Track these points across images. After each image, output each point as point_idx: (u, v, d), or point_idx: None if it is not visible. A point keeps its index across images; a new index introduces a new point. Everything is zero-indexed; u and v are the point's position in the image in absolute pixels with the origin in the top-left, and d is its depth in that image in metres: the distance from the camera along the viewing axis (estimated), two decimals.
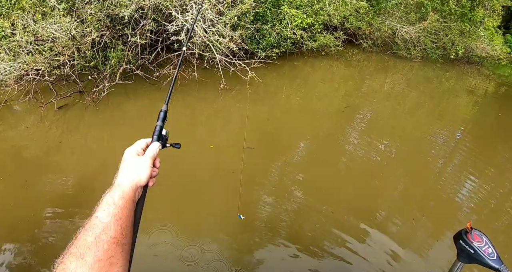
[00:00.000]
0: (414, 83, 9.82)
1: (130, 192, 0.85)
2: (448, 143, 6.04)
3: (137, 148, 0.97)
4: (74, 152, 4.36)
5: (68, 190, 3.62)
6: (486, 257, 1.46)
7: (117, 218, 0.79)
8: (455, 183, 4.76)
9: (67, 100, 5.31)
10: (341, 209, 3.82)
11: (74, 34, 5.13)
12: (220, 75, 5.80)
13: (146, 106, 5.51)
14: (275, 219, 3.56)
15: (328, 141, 5.53)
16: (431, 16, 10.60)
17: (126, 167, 0.90)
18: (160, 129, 1.06)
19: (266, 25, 7.30)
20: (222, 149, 4.56)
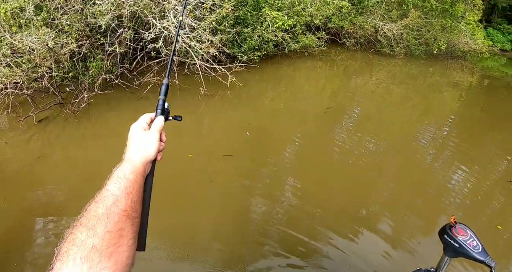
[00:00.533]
0: (399, 79, 9.88)
1: (140, 166, 0.87)
2: (435, 138, 6.09)
3: (142, 123, 0.98)
4: (57, 165, 4.26)
5: (52, 205, 3.53)
6: (471, 250, 1.48)
7: (128, 192, 0.80)
8: (443, 179, 4.79)
9: (47, 113, 5.18)
10: (331, 208, 3.83)
11: (51, 46, 5.06)
12: (201, 81, 5.75)
13: (128, 115, 5.42)
14: (266, 222, 3.55)
15: (316, 141, 5.50)
16: (412, 13, 10.67)
17: (134, 142, 0.92)
18: (163, 103, 1.06)
19: (247, 28, 7.26)
20: (201, 157, 4.46)
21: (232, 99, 6.17)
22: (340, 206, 3.88)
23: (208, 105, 5.92)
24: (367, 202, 4.07)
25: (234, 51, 7.06)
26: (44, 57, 5.14)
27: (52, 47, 5.09)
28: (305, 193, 4.02)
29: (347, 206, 3.90)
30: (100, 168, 4.07)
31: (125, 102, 5.72)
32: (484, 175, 5.00)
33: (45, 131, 4.87)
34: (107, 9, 5.18)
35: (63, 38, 5.31)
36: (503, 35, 19.66)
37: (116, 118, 5.37)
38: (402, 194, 4.39)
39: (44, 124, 4.98)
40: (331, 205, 3.88)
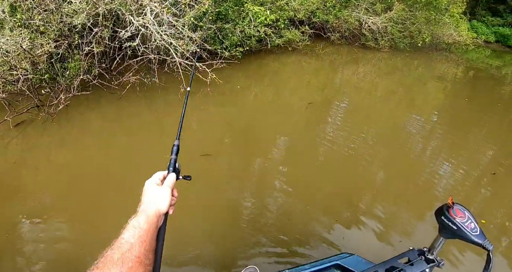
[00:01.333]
0: (384, 72, 9.86)
1: (153, 217, 0.94)
2: (421, 130, 6.09)
3: (156, 180, 1.06)
4: (37, 170, 4.09)
5: (35, 210, 3.41)
6: (469, 233, 1.45)
7: (142, 240, 0.87)
8: (430, 170, 4.81)
9: (24, 116, 4.99)
10: (321, 201, 3.87)
11: (26, 47, 4.89)
12: (181, 78, 5.63)
13: (108, 116, 5.31)
14: (257, 218, 3.51)
15: (303, 136, 5.45)
16: (396, 6, 10.65)
17: (148, 196, 1.00)
18: (174, 162, 1.16)
19: (228, 24, 7.13)
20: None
21: (215, 96, 6.07)
22: (330, 199, 3.91)
23: (189, 103, 5.78)
24: (357, 193, 4.08)
25: (216, 47, 6.93)
26: (19, 60, 4.97)
27: (26, 49, 4.92)
28: (293, 188, 3.99)
29: (337, 198, 3.93)
30: (82, 171, 4.02)
31: (105, 102, 5.59)
32: (469, 165, 5.01)
33: (23, 136, 4.69)
34: (82, 8, 5.02)
35: (39, 39, 5.14)
36: (487, 27, 19.81)
37: (96, 119, 5.23)
38: (391, 184, 4.42)
39: (22, 128, 4.80)
40: (321, 198, 3.91)
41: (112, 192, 3.70)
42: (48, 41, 5.14)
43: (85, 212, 3.40)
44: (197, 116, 5.54)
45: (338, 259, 1.96)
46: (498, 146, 5.75)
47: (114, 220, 3.31)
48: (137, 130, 5.07)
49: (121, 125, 5.17)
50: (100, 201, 3.56)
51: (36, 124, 4.88)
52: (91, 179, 3.88)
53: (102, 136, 4.82)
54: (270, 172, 4.31)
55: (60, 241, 3.05)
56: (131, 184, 3.83)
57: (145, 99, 5.75)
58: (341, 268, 1.92)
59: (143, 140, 4.80)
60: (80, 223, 3.30)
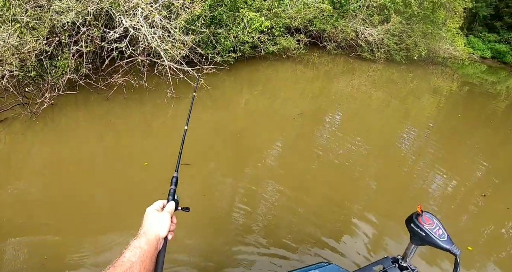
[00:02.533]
0: (379, 84, 9.83)
1: (153, 240, 0.99)
2: (414, 143, 6.08)
3: (156, 207, 1.12)
4: (19, 169, 3.98)
5: (18, 212, 3.30)
6: (437, 239, 1.52)
7: (142, 260, 0.93)
8: (421, 184, 4.80)
9: (8, 113, 4.84)
10: (309, 209, 3.84)
11: (13, 43, 4.77)
12: (169, 82, 5.52)
13: (92, 117, 5.19)
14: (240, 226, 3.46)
15: (294, 145, 5.39)
16: (393, 18, 10.64)
17: (149, 220, 1.05)
18: (173, 192, 1.21)
19: (222, 29, 7.05)
20: (157, 166, 4.16)
21: (205, 101, 5.97)
22: (316, 209, 3.86)
23: (177, 108, 5.69)
24: (344, 203, 4.05)
25: (208, 52, 6.85)
26: (6, 55, 4.84)
27: (13, 45, 4.80)
28: (280, 197, 3.95)
29: (324, 208, 3.91)
30: (63, 171, 3.94)
31: (91, 103, 5.48)
32: (459, 182, 4.97)
33: (5, 133, 4.56)
34: (72, 6, 4.92)
35: (27, 35, 5.02)
36: (484, 43, 19.97)
37: (81, 120, 5.12)
38: (378, 196, 4.35)
39: (5, 125, 4.66)
40: (307, 208, 3.86)
41: (90, 191, 3.64)
42: (38, 38, 5.03)
43: (64, 212, 3.33)
44: (183, 122, 5.43)
45: (315, 268, 1.94)
46: (489, 162, 5.69)
47: (94, 219, 3.28)
48: (122, 132, 4.99)
49: (106, 126, 5.07)
50: (79, 200, 3.49)
51: (19, 122, 4.74)
52: (72, 179, 3.80)
53: (86, 137, 4.71)
54: (258, 182, 4.23)
55: (40, 242, 2.97)
56: (112, 184, 3.86)
57: (132, 101, 5.63)
58: None
59: (127, 142, 4.72)
60: (60, 223, 3.21)
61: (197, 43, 6.51)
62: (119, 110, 5.44)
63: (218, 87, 6.71)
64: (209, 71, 6.08)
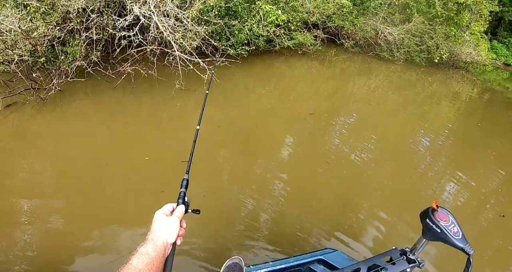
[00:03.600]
0: (396, 86, 9.61)
1: (161, 246, 0.98)
2: (429, 149, 5.92)
3: (165, 211, 1.11)
4: (23, 155, 3.97)
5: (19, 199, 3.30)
6: (451, 236, 1.51)
7: (149, 267, 0.92)
8: (434, 190, 4.72)
9: (16, 98, 4.85)
10: (319, 201, 3.94)
11: (24, 28, 4.74)
12: (179, 73, 5.39)
13: (99, 105, 5.17)
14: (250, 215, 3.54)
15: (305, 145, 5.27)
16: (416, 18, 10.39)
17: (157, 225, 1.04)
18: (183, 195, 1.21)
19: (235, 21, 6.90)
20: (159, 162, 4.09)
21: (215, 95, 5.85)
22: (326, 202, 3.95)
23: (187, 100, 5.59)
24: (354, 199, 4.09)
25: (222, 44, 6.71)
26: (17, 40, 4.86)
27: (24, 29, 4.80)
28: (290, 192, 3.97)
29: (334, 202, 3.98)
30: (69, 157, 3.98)
31: (99, 91, 5.45)
32: (474, 189, 4.85)
33: (12, 118, 4.58)
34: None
35: (39, 20, 5.00)
36: (508, 49, 19.50)
37: (88, 108, 5.11)
38: (389, 198, 4.31)
39: (13, 110, 4.69)
40: (317, 200, 3.94)
41: (93, 178, 3.68)
42: (50, 23, 5.02)
43: (70, 198, 3.38)
44: (192, 116, 5.33)
45: (321, 254, 2.04)
46: (506, 174, 5.47)
47: (95, 207, 3.28)
48: (127, 123, 4.94)
49: (112, 116, 5.03)
50: (83, 188, 3.53)
51: (28, 107, 4.77)
52: (77, 165, 3.85)
53: (92, 125, 4.71)
54: (269, 177, 4.23)
55: (49, 229, 3.01)
56: (114, 173, 3.84)
57: (140, 91, 5.56)
58: (324, 263, 2.01)
59: (131, 133, 4.69)
60: (69, 210, 3.26)
61: (210, 34, 6.37)
62: (126, 99, 5.39)
63: (229, 81, 6.58)
64: (220, 63, 5.93)
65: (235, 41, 7.02)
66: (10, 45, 4.84)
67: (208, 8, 6.09)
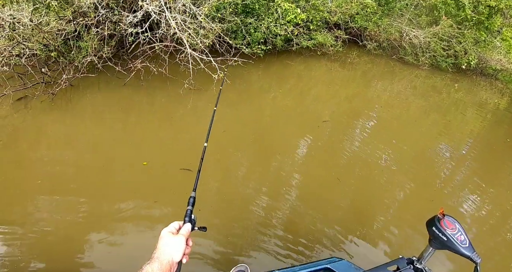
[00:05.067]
0: (420, 92, 9.39)
1: (166, 265, 1.00)
2: (449, 160, 5.79)
3: (172, 228, 1.13)
4: (30, 149, 4.18)
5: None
6: (458, 245, 1.52)
7: None
8: (451, 203, 4.65)
9: (26, 92, 5.04)
10: (330, 209, 4.01)
11: (36, 22, 4.90)
12: (189, 72, 5.36)
13: (108, 102, 5.25)
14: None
15: (321, 149, 5.27)
16: (443, 21, 10.12)
17: (163, 244, 1.06)
18: (190, 213, 1.22)
19: (251, 18, 6.81)
20: (157, 167, 4.07)
21: (228, 95, 5.80)
22: (337, 209, 4.01)
23: (197, 100, 5.56)
24: (366, 207, 4.14)
25: (236, 42, 6.63)
26: (29, 34, 5.01)
27: (37, 24, 4.96)
28: (302, 196, 4.07)
29: (345, 210, 4.02)
30: (73, 152, 4.16)
31: (110, 87, 5.55)
32: (493, 206, 4.75)
33: (24, 111, 4.80)
34: None
35: (51, 15, 5.18)
36: None
37: (97, 105, 5.21)
38: (403, 207, 4.36)
39: (22, 104, 4.90)
40: (328, 207, 4.00)
41: (95, 175, 3.85)
42: (64, 17, 5.19)
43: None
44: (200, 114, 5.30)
45: (327, 263, 2.07)
46: None
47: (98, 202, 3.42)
48: (133, 121, 5.02)
49: (119, 112, 5.12)
50: (86, 182, 3.72)
51: (38, 101, 4.97)
52: (82, 161, 4.02)
53: (99, 122, 4.85)
54: (280, 182, 4.28)
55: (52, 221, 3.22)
56: (117, 168, 3.97)
57: (150, 89, 5.61)
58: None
59: (134, 131, 4.79)
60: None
61: (225, 32, 6.31)
62: (135, 97, 5.48)
63: (244, 80, 6.55)
64: (233, 63, 5.86)
65: (251, 40, 6.93)
66: (22, 38, 4.97)
67: (224, 5, 6.04)
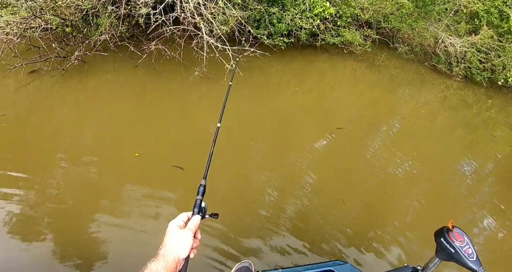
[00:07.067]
0: (449, 104, 9.21)
1: (172, 263, 1.01)
2: (471, 179, 5.73)
3: (179, 221, 1.14)
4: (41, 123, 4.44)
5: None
6: (465, 258, 1.57)
7: None
8: (467, 219, 4.71)
9: (39, 65, 5.28)
10: (342, 213, 4.10)
11: None
12: (202, 58, 5.36)
13: (118, 82, 5.45)
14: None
15: (338, 154, 5.31)
16: (484, 31, 9.86)
17: (169, 240, 1.07)
18: (200, 203, 1.21)
19: (275, 8, 6.71)
20: (148, 161, 4.12)
21: (244, 88, 5.79)
22: (348, 214, 4.10)
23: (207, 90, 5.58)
24: (379, 216, 4.24)
25: (259, 32, 6.56)
26: (45, 8, 5.16)
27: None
28: (315, 196, 4.19)
29: (356, 224, 4.03)
30: (79, 131, 4.42)
31: (122, 67, 5.71)
32: (508, 240, 4.61)
33: (33, 85, 5.07)
34: None
35: None
36: None
37: (107, 83, 5.42)
38: (417, 219, 4.42)
39: (34, 77, 5.16)
40: (340, 211, 4.08)
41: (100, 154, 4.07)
42: None
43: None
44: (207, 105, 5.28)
45: (332, 265, 2.14)
46: None
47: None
48: (138, 104, 5.19)
49: (126, 94, 5.26)
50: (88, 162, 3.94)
51: (48, 76, 5.22)
52: (86, 139, 4.31)
53: (107, 102, 5.05)
54: (291, 184, 4.37)
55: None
56: (120, 151, 4.16)
57: (161, 72, 5.72)
58: None
59: (142, 115, 4.96)
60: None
61: (247, 21, 6.24)
62: (146, 80, 5.61)
63: (262, 73, 6.54)
64: (250, 53, 5.80)
65: (273, 31, 6.85)
66: (39, 12, 5.15)
67: None
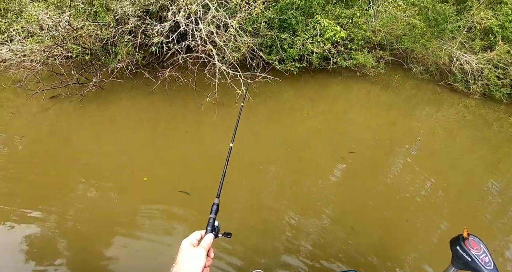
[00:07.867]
0: (468, 123, 9.15)
1: None
2: (492, 202, 5.61)
3: (193, 240, 1.15)
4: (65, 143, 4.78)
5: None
6: (482, 266, 1.54)
7: None
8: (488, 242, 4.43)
9: (59, 91, 5.71)
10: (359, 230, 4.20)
11: (75, 26, 5.44)
12: (214, 85, 5.55)
13: (133, 109, 5.74)
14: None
15: (355, 175, 5.38)
16: (500, 46, 9.89)
17: (182, 259, 1.08)
18: (213, 221, 1.24)
19: (284, 34, 6.91)
20: (154, 186, 4.27)
21: (255, 113, 5.89)
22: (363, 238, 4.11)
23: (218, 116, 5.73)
24: (398, 239, 4.30)
25: (270, 58, 6.74)
26: (66, 37, 5.53)
27: (76, 28, 5.52)
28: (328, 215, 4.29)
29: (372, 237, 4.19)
30: (96, 155, 4.68)
31: (137, 94, 6.04)
32: None
33: (54, 109, 5.47)
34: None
35: (91, 20, 5.72)
36: None
37: (123, 109, 5.76)
38: (439, 247, 4.30)
39: (55, 102, 5.57)
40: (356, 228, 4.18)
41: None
42: (105, 23, 5.69)
43: None
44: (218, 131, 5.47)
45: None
46: None
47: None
48: (153, 130, 5.45)
49: (139, 121, 5.53)
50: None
51: (67, 101, 5.63)
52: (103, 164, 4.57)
53: (122, 128, 5.34)
54: (311, 199, 4.54)
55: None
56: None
57: (174, 99, 6.00)
58: None
59: (159, 139, 5.22)
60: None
61: (258, 47, 6.43)
62: (160, 106, 5.84)
63: (274, 98, 6.65)
64: (261, 79, 5.97)
65: (285, 56, 7.02)
66: (60, 41, 5.49)
67: (260, 19, 6.17)
